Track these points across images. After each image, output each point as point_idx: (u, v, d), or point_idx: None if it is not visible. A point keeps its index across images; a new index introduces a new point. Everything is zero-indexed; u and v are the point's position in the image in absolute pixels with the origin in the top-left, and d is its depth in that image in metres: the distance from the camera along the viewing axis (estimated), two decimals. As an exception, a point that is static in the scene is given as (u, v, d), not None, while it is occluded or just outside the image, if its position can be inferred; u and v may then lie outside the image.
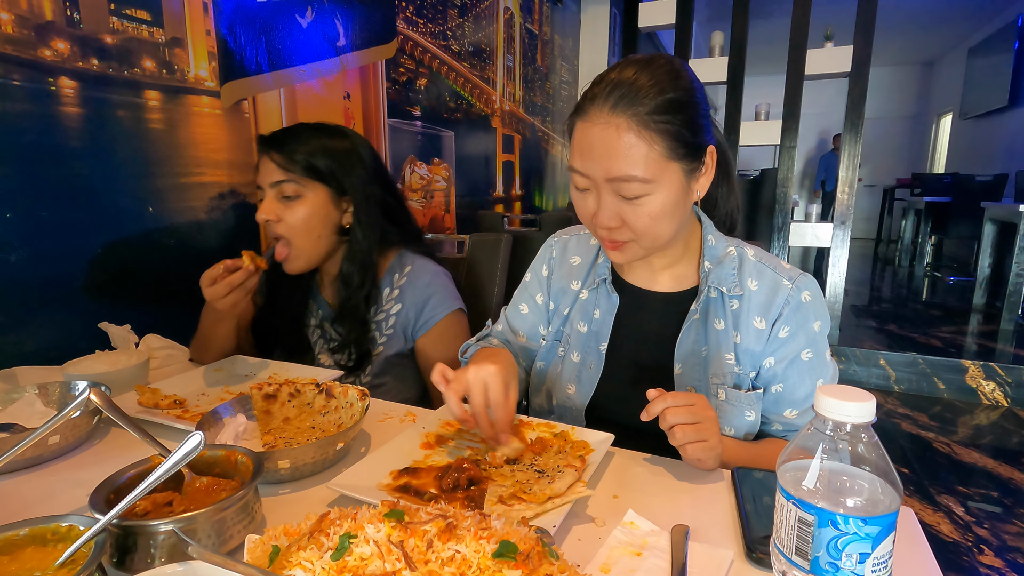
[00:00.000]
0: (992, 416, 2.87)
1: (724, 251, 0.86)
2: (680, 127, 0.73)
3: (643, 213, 0.75)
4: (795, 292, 0.81)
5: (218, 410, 0.79)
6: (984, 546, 1.80)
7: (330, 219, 1.09)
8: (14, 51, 1.10)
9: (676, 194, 0.76)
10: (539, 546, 0.46)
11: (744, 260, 0.86)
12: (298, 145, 1.06)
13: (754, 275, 0.85)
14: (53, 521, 0.50)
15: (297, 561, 0.44)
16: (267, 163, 1.06)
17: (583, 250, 0.98)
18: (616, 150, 0.72)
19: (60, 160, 1.18)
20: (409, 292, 1.14)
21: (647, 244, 0.79)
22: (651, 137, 0.72)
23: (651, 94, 0.72)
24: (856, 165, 3.08)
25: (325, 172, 1.07)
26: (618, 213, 0.76)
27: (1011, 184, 5.31)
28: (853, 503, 0.42)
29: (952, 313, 4.56)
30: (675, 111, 0.72)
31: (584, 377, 0.91)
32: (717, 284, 0.84)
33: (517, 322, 1.02)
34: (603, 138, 0.73)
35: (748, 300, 0.83)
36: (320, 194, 1.07)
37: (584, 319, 0.93)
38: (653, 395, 0.69)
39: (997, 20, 6.79)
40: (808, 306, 0.81)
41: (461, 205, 3.07)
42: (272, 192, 1.06)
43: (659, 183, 0.73)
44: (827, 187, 8.39)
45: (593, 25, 4.99)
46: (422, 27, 2.57)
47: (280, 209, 1.06)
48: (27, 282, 1.13)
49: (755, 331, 0.83)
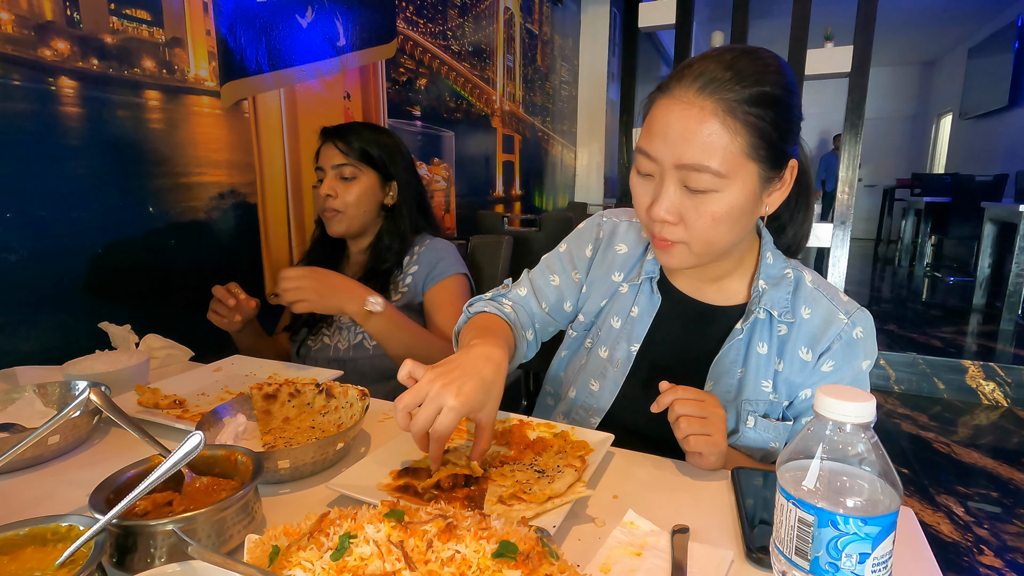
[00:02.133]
0: (992, 416, 2.87)
1: (781, 272, 0.81)
2: (769, 125, 0.67)
3: (706, 212, 0.68)
4: (849, 327, 0.76)
5: (218, 410, 0.79)
6: (984, 546, 1.80)
7: (376, 198, 1.31)
8: (14, 51, 1.10)
9: (746, 199, 0.69)
10: (539, 546, 0.46)
11: (800, 285, 0.81)
12: (356, 137, 1.28)
13: (809, 303, 0.79)
14: (53, 521, 0.50)
15: (297, 561, 0.44)
16: (331, 149, 1.27)
17: (632, 240, 0.90)
18: (695, 134, 0.66)
19: (60, 160, 1.18)
20: (426, 255, 1.31)
21: (699, 250, 0.72)
22: (736, 127, 0.65)
23: (746, 83, 0.66)
24: (856, 165, 3.08)
25: (376, 160, 1.29)
26: (678, 208, 0.69)
27: (1011, 184, 5.31)
28: (853, 503, 0.42)
29: (952, 313, 4.56)
30: (768, 106, 0.66)
31: (609, 375, 0.86)
32: (769, 306, 0.78)
33: (545, 291, 0.93)
34: (683, 119, 0.66)
35: (798, 328, 0.78)
36: (371, 177, 1.29)
37: (619, 315, 0.87)
38: (665, 387, 0.68)
39: (997, 20, 6.80)
40: (859, 343, 0.77)
41: (461, 205, 3.07)
42: (333, 173, 1.27)
43: (732, 180, 0.67)
44: (827, 187, 8.39)
45: (593, 25, 4.99)
46: (422, 27, 2.57)
47: (339, 187, 1.27)
48: (27, 282, 1.13)
49: (800, 362, 0.78)
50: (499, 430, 0.81)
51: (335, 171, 1.27)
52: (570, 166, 5.00)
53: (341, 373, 1.06)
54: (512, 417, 0.84)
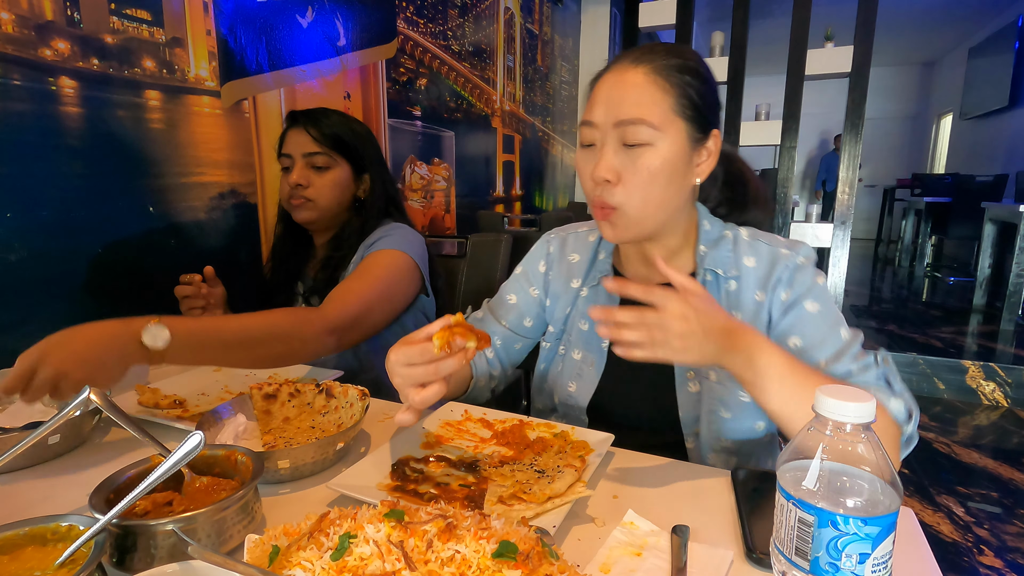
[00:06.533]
0: (992, 416, 2.87)
1: (720, 234, 0.86)
2: (694, 92, 0.75)
3: (643, 166, 0.74)
4: (793, 256, 0.80)
5: (218, 410, 0.79)
6: (984, 546, 1.80)
7: (349, 191, 1.25)
8: (14, 51, 1.10)
9: (677, 155, 0.75)
10: (539, 546, 0.46)
11: (739, 240, 0.85)
12: (330, 124, 1.20)
13: (750, 252, 0.83)
14: (53, 521, 0.50)
15: (297, 561, 0.44)
16: (300, 135, 1.19)
17: (582, 247, 0.96)
18: (630, 92, 0.74)
19: (60, 160, 1.18)
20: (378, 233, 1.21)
21: (636, 212, 0.76)
22: (665, 87, 0.74)
23: (672, 55, 0.76)
24: (856, 165, 3.08)
25: (350, 150, 1.22)
26: (617, 167, 0.75)
27: (1011, 184, 5.31)
28: (853, 503, 0.42)
29: (952, 313, 4.56)
30: (692, 75, 0.75)
31: (585, 374, 0.90)
32: (713, 266, 0.83)
33: (502, 310, 0.99)
34: (619, 83, 0.75)
35: (746, 278, 0.82)
36: (345, 169, 1.23)
37: (585, 317, 0.92)
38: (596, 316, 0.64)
39: (997, 20, 6.79)
40: (807, 267, 0.80)
41: (461, 205, 3.07)
42: (303, 161, 1.20)
43: (664, 134, 0.74)
44: (827, 187, 8.39)
45: (593, 25, 5.00)
46: (422, 27, 2.57)
47: (311, 175, 1.19)
48: (27, 282, 1.13)
49: (755, 305, 0.81)
50: (499, 430, 0.81)
51: (306, 159, 1.19)
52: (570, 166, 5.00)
53: (341, 373, 1.06)
54: (512, 417, 0.84)
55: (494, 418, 0.84)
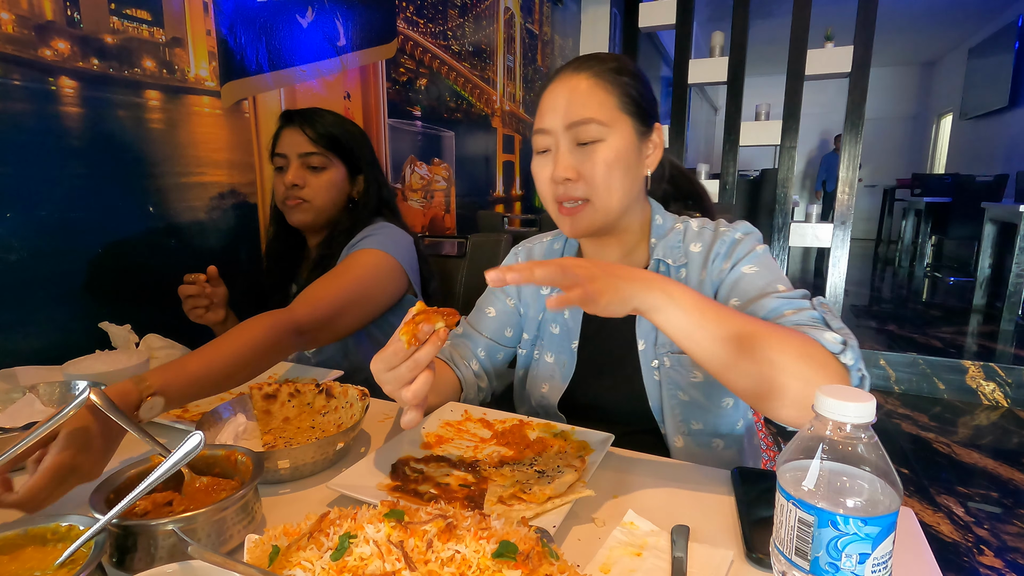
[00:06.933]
0: (992, 416, 2.87)
1: (671, 226, 0.90)
2: (633, 90, 0.82)
3: (599, 160, 0.79)
4: (731, 233, 0.85)
5: (218, 410, 0.79)
6: (984, 546, 1.80)
7: (344, 191, 1.25)
8: (14, 51, 1.10)
9: (627, 147, 0.81)
10: (539, 546, 0.46)
11: (688, 230, 0.89)
12: (326, 124, 1.21)
13: (696, 239, 0.87)
14: (53, 521, 0.50)
15: (297, 561, 0.44)
16: (296, 135, 1.19)
17: (548, 256, 1.00)
18: (577, 96, 0.80)
19: (60, 160, 1.18)
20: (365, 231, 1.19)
21: (602, 204, 0.81)
22: (608, 88, 0.80)
23: (610, 60, 0.83)
24: (856, 165, 3.08)
25: (345, 150, 1.22)
26: (574, 165, 0.80)
27: (1011, 184, 5.31)
28: (853, 503, 0.42)
29: (952, 313, 4.56)
30: (630, 76, 0.82)
31: (557, 375, 0.94)
32: (663, 256, 0.87)
33: (483, 324, 1.00)
34: (566, 90, 0.81)
35: (693, 263, 0.86)
36: (341, 170, 1.23)
37: (556, 321, 0.96)
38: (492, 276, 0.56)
39: (997, 20, 6.79)
40: (745, 241, 0.83)
41: (461, 205, 3.07)
42: (298, 161, 1.19)
43: (613, 129, 0.80)
44: (827, 187, 8.38)
45: (593, 25, 4.99)
46: (422, 27, 2.57)
47: (307, 175, 1.19)
48: (27, 282, 1.13)
49: (699, 284, 0.84)
50: (499, 430, 0.81)
51: (301, 159, 1.19)
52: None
53: (341, 373, 1.06)
54: (512, 417, 0.84)
55: (494, 418, 0.84)
